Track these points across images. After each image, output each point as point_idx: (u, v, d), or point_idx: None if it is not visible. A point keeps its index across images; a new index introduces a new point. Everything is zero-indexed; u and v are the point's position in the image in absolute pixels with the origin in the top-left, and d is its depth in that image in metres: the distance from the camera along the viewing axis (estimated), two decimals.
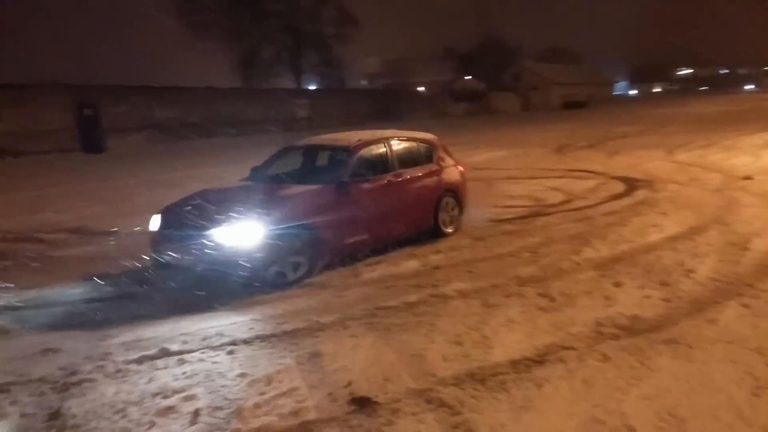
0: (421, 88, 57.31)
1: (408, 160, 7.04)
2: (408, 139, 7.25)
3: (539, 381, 3.36)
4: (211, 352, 3.96)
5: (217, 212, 5.46)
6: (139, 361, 3.86)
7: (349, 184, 6.00)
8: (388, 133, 7.20)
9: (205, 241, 5.16)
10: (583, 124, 27.56)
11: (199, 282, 5.26)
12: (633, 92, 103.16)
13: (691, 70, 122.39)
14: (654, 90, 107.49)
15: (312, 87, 45.61)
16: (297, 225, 5.46)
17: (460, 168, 7.67)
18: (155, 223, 5.77)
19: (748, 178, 10.10)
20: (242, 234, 5.18)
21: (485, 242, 6.73)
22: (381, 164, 6.66)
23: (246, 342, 4.11)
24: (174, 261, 5.35)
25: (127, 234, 7.80)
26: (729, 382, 3.29)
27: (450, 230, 7.18)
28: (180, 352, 3.96)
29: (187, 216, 5.51)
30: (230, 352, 3.95)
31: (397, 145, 6.97)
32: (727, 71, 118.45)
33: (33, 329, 4.57)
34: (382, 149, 6.76)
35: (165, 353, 3.95)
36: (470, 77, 58.29)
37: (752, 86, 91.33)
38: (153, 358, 3.90)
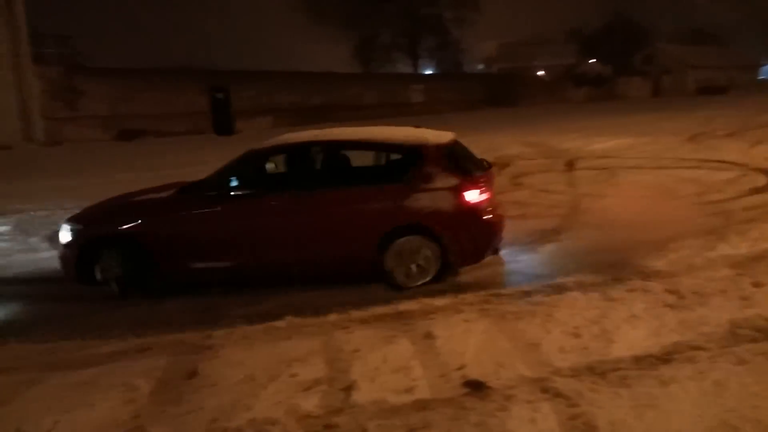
0: (541, 72, 55.31)
1: (352, 174, 5.55)
2: (367, 144, 5.47)
3: (665, 379, 3.18)
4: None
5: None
6: (266, 330, 4.13)
7: (202, 198, 5.09)
8: (333, 133, 5.69)
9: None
10: (721, 112, 25.27)
11: None
12: None
13: None
14: None
15: (428, 72, 45.58)
16: (112, 235, 5.10)
17: (472, 193, 4.94)
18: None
19: None
20: (61, 236, 5.25)
21: (604, 231, 6.44)
22: (281, 177, 5.39)
23: (362, 321, 4.26)
24: None
25: None
26: None
27: (417, 283, 4.93)
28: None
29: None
30: (345, 327, 4.12)
31: (332, 153, 5.37)
32: None
33: None
34: (293, 157, 5.39)
35: None
36: (595, 60, 55.38)
37: None
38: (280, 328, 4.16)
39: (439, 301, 4.55)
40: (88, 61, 25.94)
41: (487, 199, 5.05)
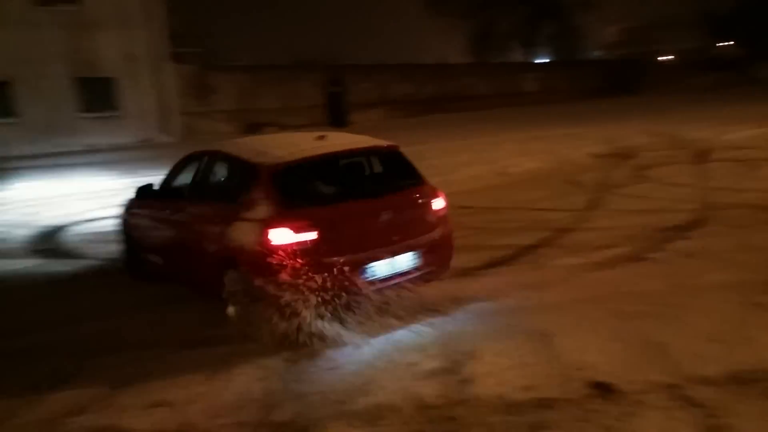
0: (667, 57, 51.60)
1: (221, 189, 4.96)
2: (226, 159, 4.90)
3: None
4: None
5: None
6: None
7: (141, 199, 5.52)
8: (220, 144, 5.24)
9: None
10: None
11: None
12: None
13: None
14: None
15: (543, 60, 44.03)
16: None
17: (278, 232, 3.87)
18: None
19: None
20: None
21: (745, 230, 5.92)
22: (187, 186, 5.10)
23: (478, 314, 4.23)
24: None
25: None
26: None
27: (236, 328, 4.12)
28: None
29: None
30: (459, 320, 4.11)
31: (213, 165, 4.94)
32: None
33: None
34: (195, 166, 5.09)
35: None
36: (727, 43, 50.78)
37: None
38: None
39: (558, 298, 4.42)
40: (220, 59, 27.59)
41: (312, 242, 3.90)
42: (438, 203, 4.62)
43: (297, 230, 3.87)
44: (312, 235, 3.90)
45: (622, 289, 4.48)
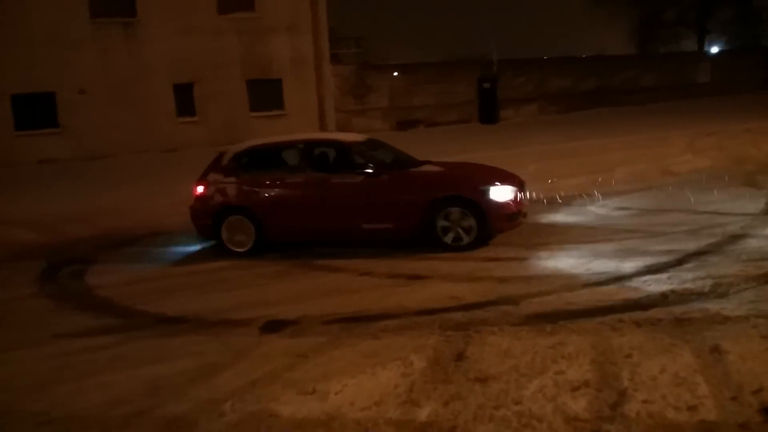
0: None
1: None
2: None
3: None
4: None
5: None
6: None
7: None
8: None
9: None
10: None
11: None
12: None
13: None
14: None
15: (716, 49, 39.71)
16: None
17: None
18: None
19: None
20: None
21: None
22: None
23: (635, 323, 3.98)
24: None
25: None
26: None
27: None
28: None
29: None
30: (616, 329, 3.89)
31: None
32: None
33: None
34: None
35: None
36: None
37: None
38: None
39: (730, 311, 4.02)
40: (376, 59, 28.59)
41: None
42: None
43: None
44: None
45: None
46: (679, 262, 5.30)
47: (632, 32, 39.81)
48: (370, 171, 6.53)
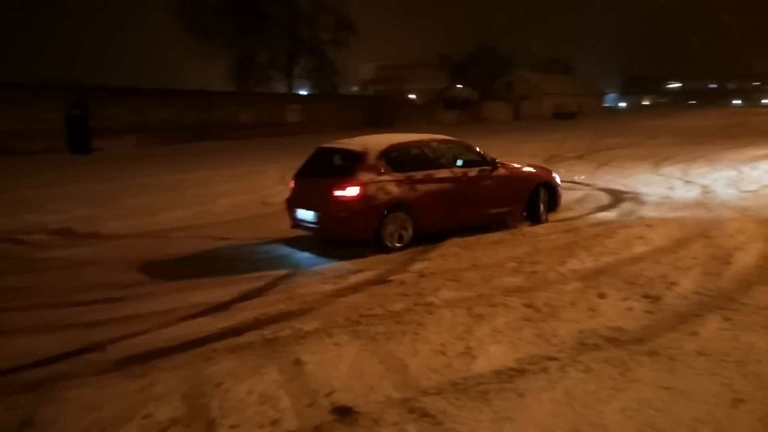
0: (413, 96, 57.43)
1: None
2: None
3: (521, 391, 3.36)
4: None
5: None
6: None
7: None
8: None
9: None
10: (573, 135, 27.72)
11: None
12: (622, 104, 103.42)
13: (681, 84, 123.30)
14: (643, 102, 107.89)
15: (304, 92, 45.67)
16: None
17: None
18: None
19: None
20: None
21: (472, 251, 6.76)
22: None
23: (229, 350, 4.09)
24: None
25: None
26: (708, 394, 3.31)
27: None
28: None
29: None
30: (209, 359, 3.94)
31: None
32: (715, 86, 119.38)
33: None
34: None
35: None
36: (463, 86, 58.50)
37: (739, 101, 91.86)
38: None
39: (309, 326, 4.50)
40: None
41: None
42: None
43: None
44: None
45: (364, 313, 4.73)
46: (270, 286, 5.72)
47: (230, 71, 42.37)
48: (493, 166, 7.84)
